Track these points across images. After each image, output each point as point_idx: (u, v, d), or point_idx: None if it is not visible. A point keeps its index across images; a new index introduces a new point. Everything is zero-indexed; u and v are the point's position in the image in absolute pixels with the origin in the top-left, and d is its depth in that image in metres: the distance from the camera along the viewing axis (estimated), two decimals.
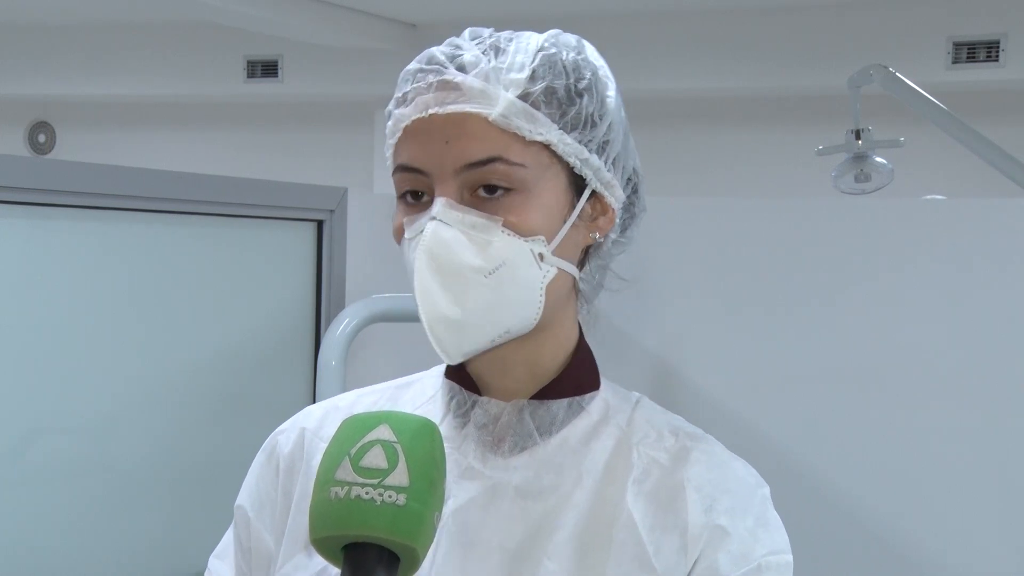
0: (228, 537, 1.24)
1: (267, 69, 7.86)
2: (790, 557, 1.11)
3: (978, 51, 6.31)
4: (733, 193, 6.91)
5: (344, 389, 2.12)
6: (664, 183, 6.87)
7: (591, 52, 1.13)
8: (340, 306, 2.38)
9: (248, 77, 7.92)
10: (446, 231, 1.04)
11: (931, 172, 5.80)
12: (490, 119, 1.05)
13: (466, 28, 1.13)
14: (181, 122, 8.63)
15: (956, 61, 6.35)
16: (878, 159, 3.29)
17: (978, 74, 6.31)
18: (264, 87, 7.90)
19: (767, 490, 1.14)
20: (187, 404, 2.18)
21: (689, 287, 2.34)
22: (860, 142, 3.24)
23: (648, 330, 2.34)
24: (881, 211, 2.31)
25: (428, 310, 1.05)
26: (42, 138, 9.16)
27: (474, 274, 1.04)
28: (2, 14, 7.87)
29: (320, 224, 2.43)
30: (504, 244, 1.05)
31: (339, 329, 2.18)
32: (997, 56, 6.28)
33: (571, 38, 1.13)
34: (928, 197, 3.63)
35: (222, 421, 2.25)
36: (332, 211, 2.43)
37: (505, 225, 1.05)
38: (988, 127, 3.26)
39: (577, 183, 1.10)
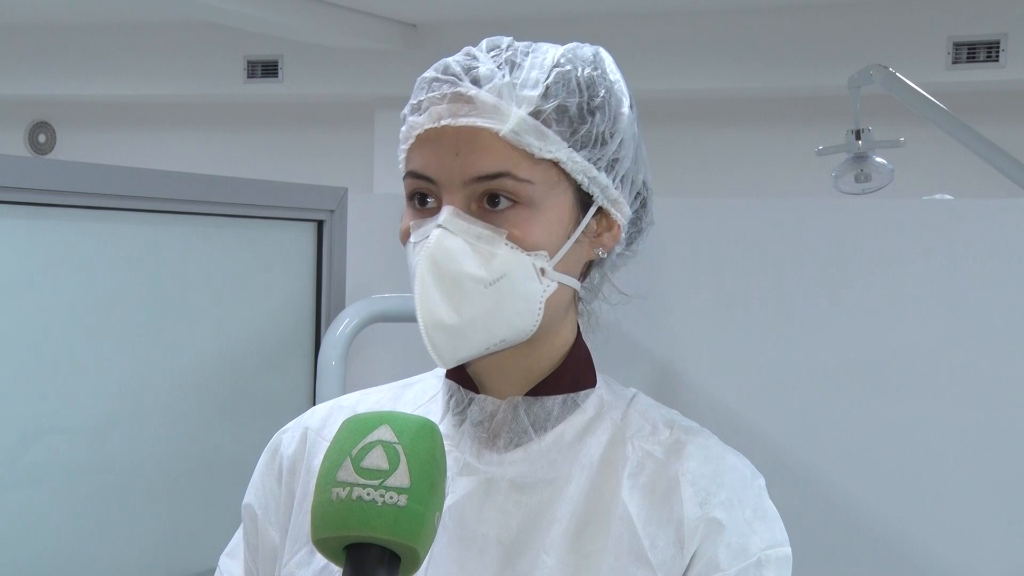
0: (238, 536, 1.26)
1: (267, 69, 7.86)
2: (788, 550, 1.12)
3: (978, 51, 6.32)
4: (733, 193, 6.91)
5: (344, 389, 2.12)
6: (664, 183, 6.87)
7: (608, 65, 1.13)
8: (340, 306, 2.38)
9: (248, 77, 7.92)
10: (450, 240, 1.05)
11: (931, 172, 5.81)
12: (500, 134, 1.06)
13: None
14: (181, 122, 8.64)
15: (956, 61, 6.35)
16: (878, 159, 3.30)
17: (978, 74, 6.32)
18: (264, 87, 7.91)
19: (762, 481, 1.15)
20: (187, 404, 2.18)
21: (689, 287, 2.34)
22: (860, 142, 3.24)
23: (647, 330, 2.34)
24: (881, 211, 2.31)
25: (426, 315, 1.06)
26: (42, 138, 9.16)
27: (475, 284, 1.05)
28: (2, 14, 7.87)
29: (320, 224, 2.43)
30: (507, 257, 1.06)
31: (339, 329, 2.18)
32: (997, 56, 6.29)
33: (588, 52, 1.13)
34: (937, 196, 3.62)
35: (222, 421, 2.25)
36: (332, 211, 2.43)
37: (509, 238, 1.06)
38: (988, 127, 3.27)
39: (584, 199, 1.11)
